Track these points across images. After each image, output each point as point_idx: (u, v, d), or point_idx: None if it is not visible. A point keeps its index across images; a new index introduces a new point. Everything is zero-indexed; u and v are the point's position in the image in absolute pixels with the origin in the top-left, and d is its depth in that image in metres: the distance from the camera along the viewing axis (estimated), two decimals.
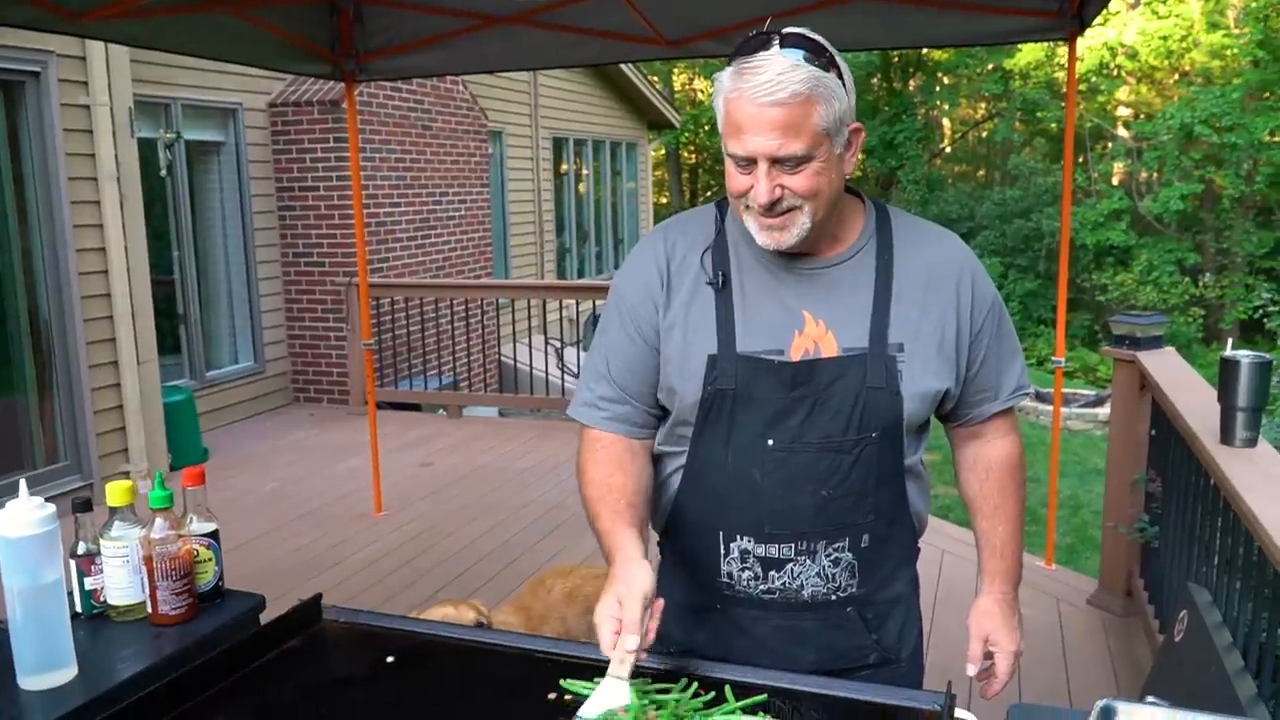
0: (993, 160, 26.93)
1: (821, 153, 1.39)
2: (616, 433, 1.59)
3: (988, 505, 1.67)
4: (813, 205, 1.42)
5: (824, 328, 1.49)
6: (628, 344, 1.58)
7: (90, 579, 1.69)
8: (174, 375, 7.17)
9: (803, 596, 1.55)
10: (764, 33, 1.38)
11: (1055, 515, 4.84)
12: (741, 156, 1.39)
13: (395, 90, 8.31)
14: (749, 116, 1.36)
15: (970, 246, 1.63)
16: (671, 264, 1.56)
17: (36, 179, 5.43)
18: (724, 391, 1.50)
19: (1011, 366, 1.63)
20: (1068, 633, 3.94)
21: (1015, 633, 1.64)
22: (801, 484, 1.49)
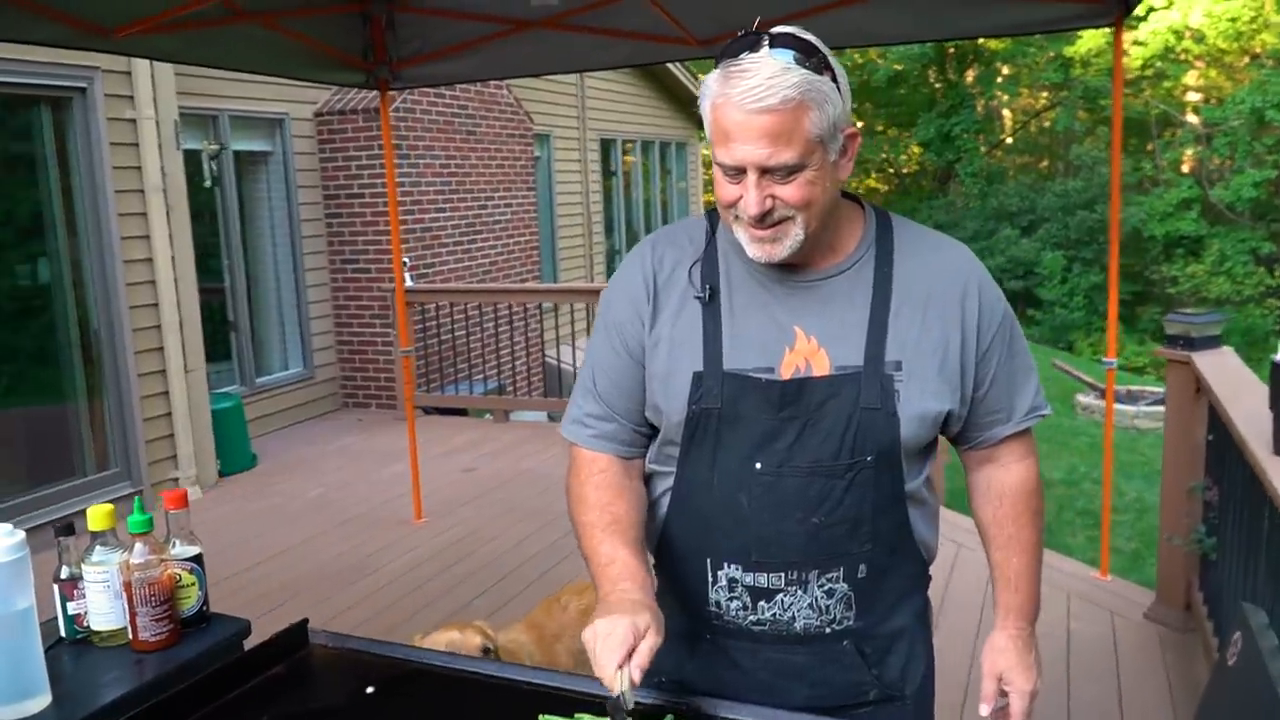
0: (1055, 150, 26.35)
1: (814, 161, 1.31)
2: (607, 453, 1.52)
3: (1002, 535, 1.56)
4: (806, 216, 1.34)
5: (816, 344, 1.41)
6: (614, 360, 1.51)
7: (73, 604, 1.67)
8: (225, 382, 7.28)
9: (794, 629, 1.46)
10: (752, 33, 1.29)
11: (1110, 522, 4.64)
12: (730, 166, 1.32)
13: (439, 96, 8.34)
14: (736, 124, 1.28)
15: (1032, 240, 1.51)
16: (659, 277, 1.49)
17: (85, 192, 5.52)
18: (709, 411, 1.42)
19: (1025, 387, 1.52)
20: (1121, 648, 3.78)
21: (1031, 671, 1.53)
22: (790, 510, 1.40)
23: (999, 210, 23.25)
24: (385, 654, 1.67)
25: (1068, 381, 13.45)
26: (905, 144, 26.75)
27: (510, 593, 4.34)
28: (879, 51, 24.52)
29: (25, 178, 5.45)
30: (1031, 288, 21.92)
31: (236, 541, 5.20)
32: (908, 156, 27.50)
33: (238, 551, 5.04)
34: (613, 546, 1.42)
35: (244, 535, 5.31)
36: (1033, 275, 21.82)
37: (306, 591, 4.51)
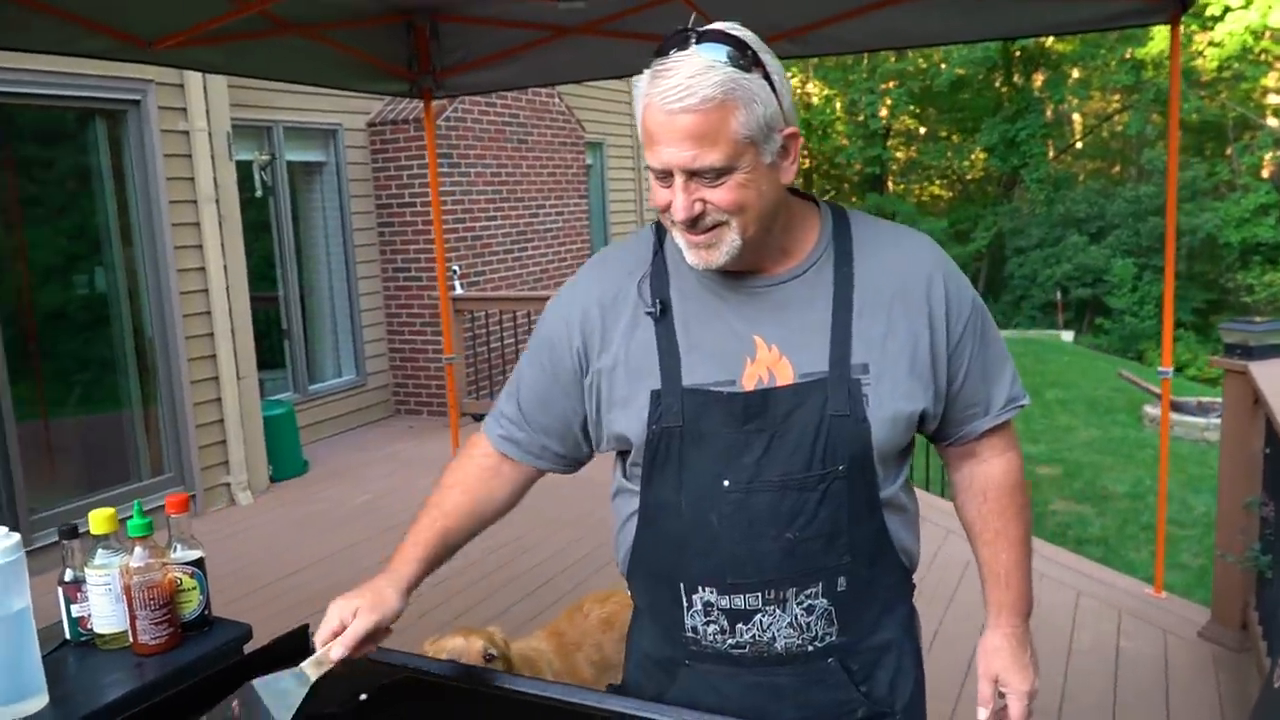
0: (1127, 155, 25.75)
1: (745, 163, 1.25)
2: (499, 450, 1.55)
3: (988, 531, 1.51)
4: (740, 221, 1.28)
5: (778, 353, 1.35)
6: (538, 375, 1.51)
7: (76, 606, 1.68)
8: (279, 389, 7.39)
9: (775, 649, 1.40)
10: (683, 31, 1.25)
11: (1174, 538, 4.49)
12: (657, 169, 1.27)
13: (490, 105, 8.40)
14: (659, 125, 1.23)
15: (1101, 246, 1.44)
16: (604, 303, 1.43)
17: (139, 203, 5.64)
18: (670, 430, 1.36)
19: (1000, 377, 1.46)
20: (1173, 668, 3.64)
21: (1028, 670, 1.48)
22: (763, 527, 1.34)
23: (1066, 216, 22.78)
24: (383, 660, 1.65)
25: (1135, 393, 13.11)
26: (969, 150, 26.35)
27: (547, 601, 4.33)
28: (941, 56, 24.22)
29: (82, 189, 5.59)
30: (1100, 295, 21.44)
31: (284, 547, 5.27)
32: (971, 162, 27.08)
33: (284, 557, 5.11)
34: (415, 528, 1.52)
35: (291, 541, 5.38)
36: (1101, 283, 21.34)
37: None
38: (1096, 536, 8.10)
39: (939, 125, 27.24)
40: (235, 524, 5.72)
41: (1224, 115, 21.79)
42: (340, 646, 1.36)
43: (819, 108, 28.02)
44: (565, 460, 1.55)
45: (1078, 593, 4.33)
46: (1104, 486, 9.51)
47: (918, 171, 28.71)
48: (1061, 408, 12.89)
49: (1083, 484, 9.63)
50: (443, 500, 1.54)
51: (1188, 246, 20.70)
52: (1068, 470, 10.08)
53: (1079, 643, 3.87)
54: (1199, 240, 20.69)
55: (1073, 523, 8.47)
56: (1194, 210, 20.58)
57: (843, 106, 27.72)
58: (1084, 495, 9.29)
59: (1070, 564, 4.72)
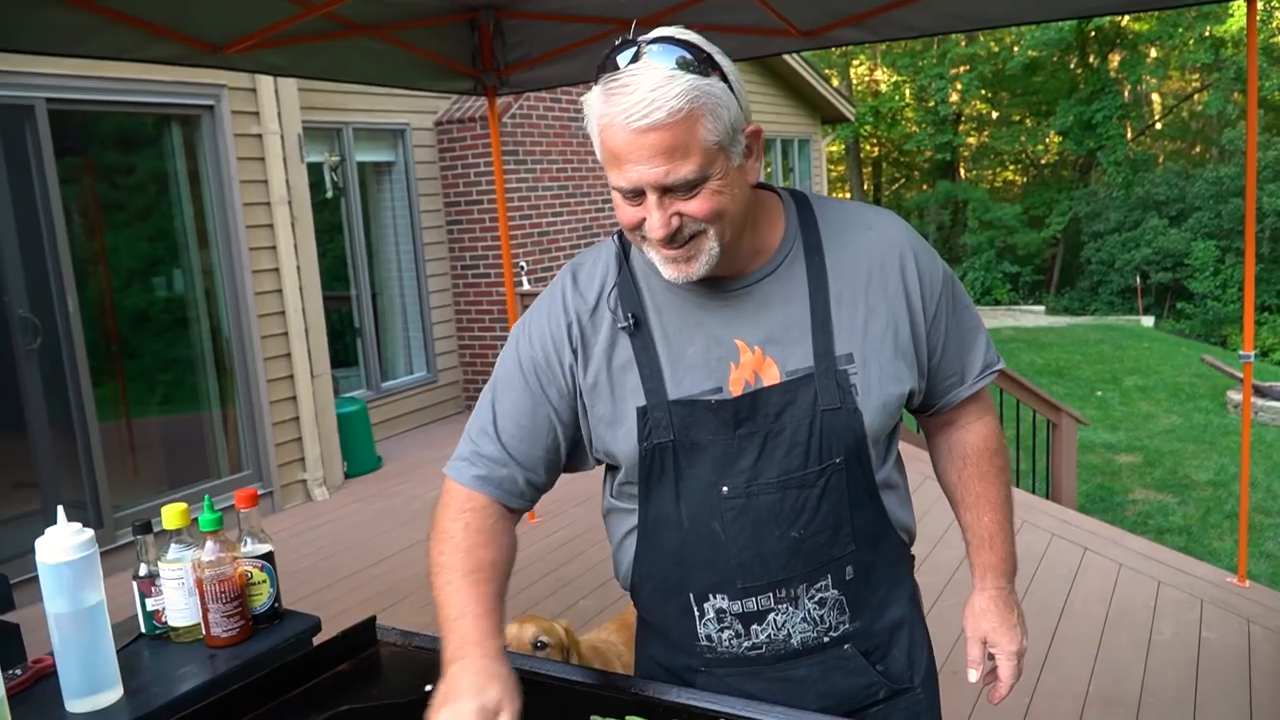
0: (1208, 135, 24.96)
1: (717, 170, 1.21)
2: (489, 494, 1.41)
3: (969, 495, 1.52)
4: (719, 228, 1.24)
5: (761, 354, 1.33)
6: (523, 402, 1.40)
7: (151, 600, 1.72)
8: (353, 386, 7.53)
9: (792, 645, 1.39)
10: (628, 40, 1.19)
11: (1261, 526, 4.35)
12: (626, 189, 1.22)
13: (555, 101, 8.44)
14: (625, 144, 1.17)
15: (1181, 230, 1.40)
16: (582, 314, 1.38)
17: (214, 206, 5.78)
18: (663, 445, 1.34)
19: (975, 345, 1.46)
20: (1257, 659, 3.53)
21: (1015, 630, 1.49)
22: (768, 529, 1.33)
23: (1145, 199, 22.16)
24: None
25: (1218, 378, 12.70)
26: (1043, 133, 25.76)
27: (614, 594, 4.33)
28: (1013, 38, 23.71)
29: (159, 194, 5.75)
30: (1181, 280, 20.84)
31: (358, 541, 5.36)
32: (1045, 146, 26.48)
33: (359, 551, 5.20)
34: (466, 598, 1.32)
35: (365, 535, 5.47)
36: (1182, 267, 20.73)
37: (422, 590, 4.57)
38: (1178, 525, 7.88)
39: (1011, 109, 26.68)
40: (311, 519, 5.84)
41: None
42: None
43: (887, 94, 27.64)
44: (538, 493, 1.46)
45: (1158, 583, 4.21)
46: (1186, 475, 9.24)
47: (990, 157, 28.16)
48: (1142, 395, 12.55)
49: (1164, 472, 9.37)
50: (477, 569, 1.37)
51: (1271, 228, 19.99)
52: (1148, 458, 9.81)
53: (1159, 634, 3.77)
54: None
55: (1154, 512, 8.25)
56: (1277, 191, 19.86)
57: (912, 93, 27.30)
58: (1165, 484, 9.04)
59: (1150, 553, 4.59)
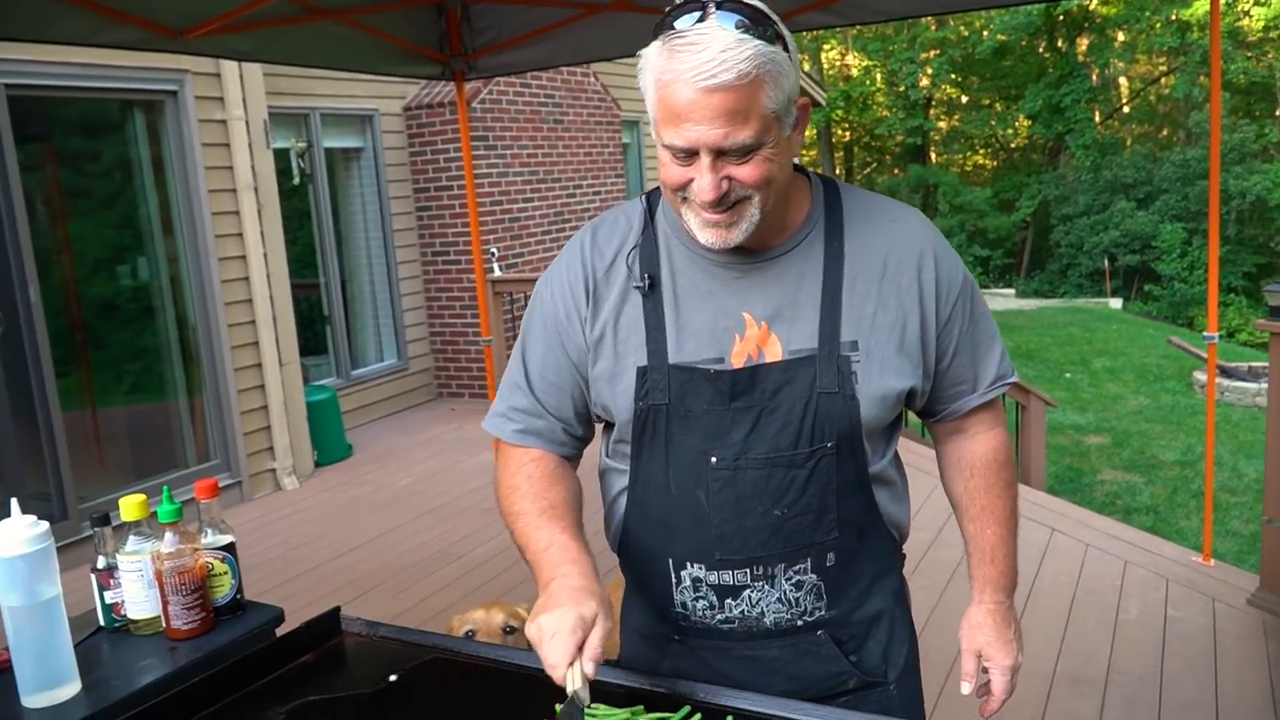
0: (1175, 119, 25.17)
1: (771, 138, 1.21)
2: (533, 447, 1.46)
3: (974, 507, 1.50)
4: (764, 195, 1.25)
5: (766, 329, 1.33)
6: (549, 355, 1.44)
7: (110, 593, 1.70)
8: (323, 374, 7.47)
9: (765, 624, 1.39)
10: (690, 1, 1.18)
11: (1226, 505, 4.41)
12: (681, 148, 1.21)
13: (525, 86, 8.38)
14: (688, 102, 1.16)
15: (1149, 212, 1.40)
16: (598, 270, 1.40)
17: (179, 192, 5.71)
18: (657, 407, 1.35)
19: (989, 354, 1.45)
20: (1222, 636, 3.58)
21: (1011, 645, 1.48)
22: (751, 504, 1.33)
23: (1113, 182, 22.35)
24: (413, 641, 1.66)
25: (1185, 359, 12.86)
26: (1012, 117, 25.90)
27: None
28: (983, 22, 23.79)
29: (123, 180, 5.66)
30: (1149, 262, 21.05)
31: (328, 530, 5.33)
32: (1015, 130, 26.63)
33: (329, 540, 5.17)
34: (550, 531, 1.35)
35: (336, 524, 5.44)
36: (1150, 249, 20.94)
37: (392, 579, 4.59)
38: (1146, 505, 7.98)
39: (981, 93, 26.80)
40: (281, 509, 5.80)
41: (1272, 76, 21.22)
42: (591, 663, 1.18)
43: (858, 79, 27.68)
44: (581, 442, 1.51)
45: (1125, 562, 4.26)
46: (1153, 455, 9.36)
47: (960, 141, 28.30)
48: (1110, 376, 12.69)
49: (1132, 453, 9.48)
50: (535, 504, 1.40)
51: (1237, 210, 20.24)
52: (1116, 439, 9.93)
53: (1126, 612, 3.82)
54: (1249, 204, 20.22)
55: (1122, 492, 8.35)
56: (1243, 173, 20.10)
57: (883, 77, 27.36)
58: (1133, 464, 9.15)
59: (1117, 533, 4.64)
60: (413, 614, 4.09)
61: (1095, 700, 3.22)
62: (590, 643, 1.19)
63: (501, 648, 1.66)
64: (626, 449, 1.43)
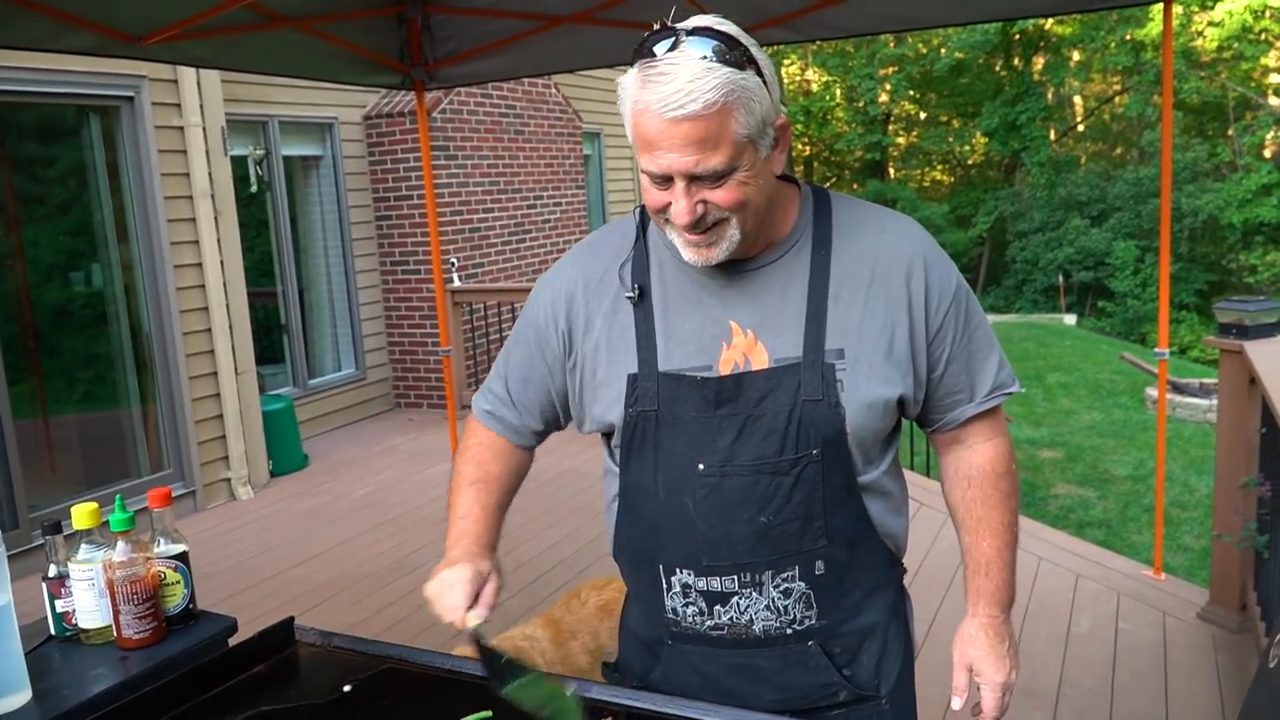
0: (1129, 137, 25.65)
1: (745, 162, 1.24)
2: (485, 425, 1.60)
3: (970, 518, 1.49)
4: (741, 217, 1.28)
5: (753, 338, 1.35)
6: (525, 355, 1.55)
7: (60, 601, 1.68)
8: (279, 384, 7.40)
9: (754, 631, 1.40)
10: (668, 28, 1.21)
11: (1178, 520, 4.49)
12: (656, 174, 1.26)
13: (486, 96, 8.38)
14: (658, 132, 1.21)
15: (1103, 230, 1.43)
16: (589, 286, 1.46)
17: (134, 199, 5.64)
18: (646, 414, 1.38)
19: (986, 363, 1.45)
20: (1172, 650, 3.64)
21: (1004, 661, 1.46)
22: (737, 511, 1.35)
23: (1068, 200, 22.72)
24: (367, 651, 1.66)
25: (1137, 375, 13.08)
26: (969, 134, 26.27)
27: (543, 594, 4.33)
28: (941, 40, 24.13)
29: (77, 187, 5.59)
30: (1102, 279, 21.40)
31: (283, 541, 5.28)
32: (971, 147, 27.01)
33: (284, 551, 5.12)
34: (471, 501, 1.53)
35: (291, 535, 5.39)
36: (1104, 266, 21.30)
37: (347, 590, 4.56)
38: (1099, 519, 8.10)
39: (939, 110, 27.15)
40: (235, 519, 5.73)
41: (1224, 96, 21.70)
42: (485, 608, 1.43)
43: (818, 94, 27.94)
44: (539, 438, 1.62)
45: (1077, 575, 4.33)
46: (1106, 469, 9.50)
47: (918, 157, 28.63)
48: (1064, 391, 12.87)
49: (1085, 467, 9.62)
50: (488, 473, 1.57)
51: (1190, 228, 20.63)
52: (1070, 454, 10.07)
53: (1078, 625, 3.87)
54: (1201, 222, 20.63)
55: (1075, 506, 8.47)
56: (1195, 192, 20.51)
57: (842, 93, 27.63)
58: (1086, 479, 9.29)
59: (1069, 547, 4.71)
60: (368, 624, 4.06)
61: (1047, 712, 3.27)
62: (485, 593, 1.42)
63: (456, 658, 1.66)
64: (619, 456, 1.45)
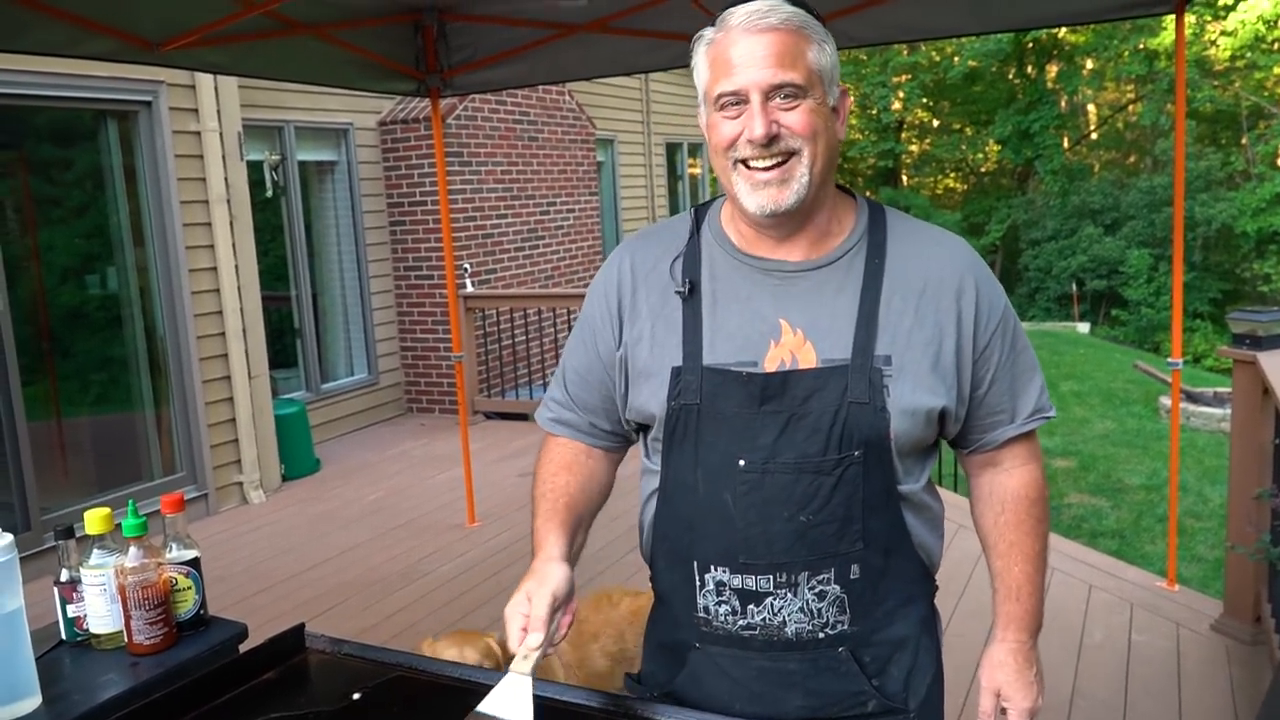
0: (1142, 146, 25.54)
1: (817, 93, 1.30)
2: (563, 436, 1.57)
3: (1003, 543, 1.49)
4: (811, 150, 1.31)
5: (802, 337, 1.35)
6: (582, 355, 1.54)
7: (72, 606, 1.69)
8: (292, 388, 7.43)
9: (786, 634, 1.39)
10: None
11: (1192, 530, 4.46)
12: (731, 92, 1.30)
13: (500, 103, 8.40)
14: (739, 48, 1.28)
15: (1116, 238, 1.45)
16: (638, 276, 1.47)
17: (151, 203, 5.68)
18: (689, 407, 1.38)
19: (1028, 387, 1.45)
20: (1185, 661, 3.62)
21: (1032, 688, 1.46)
22: (777, 509, 1.34)
23: (1081, 208, 22.62)
24: (377, 659, 1.66)
25: (1151, 384, 13.02)
26: (982, 142, 26.20)
27: None
28: (954, 48, 24.08)
29: (95, 190, 5.63)
30: (1116, 287, 21.30)
31: (295, 545, 5.30)
32: (985, 155, 26.93)
33: (295, 555, 5.13)
34: (540, 520, 1.47)
35: (302, 539, 5.40)
36: (1117, 274, 21.19)
37: (358, 595, 4.56)
38: (1112, 529, 8.05)
39: (952, 118, 27.09)
40: (247, 523, 5.75)
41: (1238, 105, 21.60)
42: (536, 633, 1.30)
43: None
44: (615, 437, 1.57)
45: (1090, 586, 4.31)
46: (1120, 479, 9.45)
47: (931, 165, 28.56)
48: (1077, 400, 12.81)
49: (1098, 476, 9.57)
50: (554, 485, 1.52)
51: (1203, 237, 20.52)
52: (1083, 463, 10.02)
53: (1090, 637, 3.85)
54: (1214, 230, 20.52)
55: (1088, 516, 8.42)
56: (1209, 200, 20.41)
57: (855, 100, 27.60)
58: (1099, 488, 9.24)
59: (1082, 557, 4.69)
60: (378, 630, 4.06)
61: None
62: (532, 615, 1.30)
63: (465, 666, 1.66)
64: (660, 448, 1.46)
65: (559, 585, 1.33)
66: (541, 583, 1.33)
